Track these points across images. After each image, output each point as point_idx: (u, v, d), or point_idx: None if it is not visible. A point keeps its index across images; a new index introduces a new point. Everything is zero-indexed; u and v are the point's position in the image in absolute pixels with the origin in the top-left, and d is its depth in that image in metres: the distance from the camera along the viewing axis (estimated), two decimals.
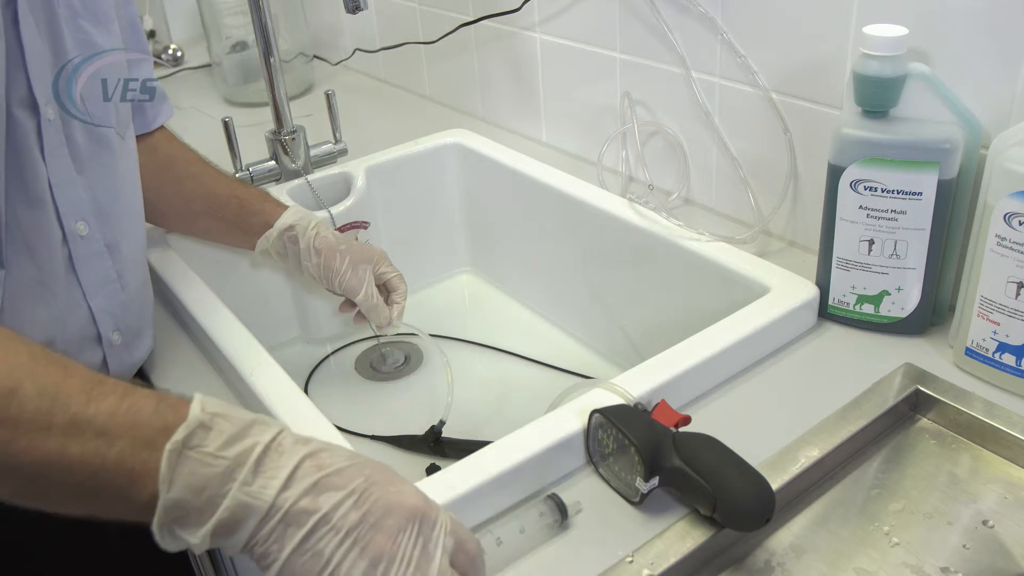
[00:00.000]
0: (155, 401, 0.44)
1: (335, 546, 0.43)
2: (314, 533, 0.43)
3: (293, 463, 0.44)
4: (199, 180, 0.87)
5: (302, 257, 0.84)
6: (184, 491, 0.43)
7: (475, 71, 1.22)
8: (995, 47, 0.66)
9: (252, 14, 0.97)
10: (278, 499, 0.43)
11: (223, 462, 0.43)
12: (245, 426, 0.45)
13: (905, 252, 0.69)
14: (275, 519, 0.43)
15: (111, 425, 0.43)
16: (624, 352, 0.96)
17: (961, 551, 0.56)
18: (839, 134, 0.68)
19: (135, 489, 0.43)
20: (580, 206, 0.95)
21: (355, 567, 0.43)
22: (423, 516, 0.45)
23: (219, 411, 0.45)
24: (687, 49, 0.89)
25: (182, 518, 0.43)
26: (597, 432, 0.60)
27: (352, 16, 0.93)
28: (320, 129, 1.09)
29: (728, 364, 0.70)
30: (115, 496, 0.43)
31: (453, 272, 1.17)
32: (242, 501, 0.43)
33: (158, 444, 0.43)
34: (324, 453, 0.45)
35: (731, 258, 0.80)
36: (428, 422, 0.85)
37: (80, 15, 0.66)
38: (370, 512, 0.44)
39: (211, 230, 0.89)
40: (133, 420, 0.43)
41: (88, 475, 0.43)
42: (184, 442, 0.43)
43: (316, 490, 0.44)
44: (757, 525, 0.54)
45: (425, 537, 0.45)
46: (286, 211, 0.86)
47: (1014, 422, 0.62)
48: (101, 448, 0.42)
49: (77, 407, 0.43)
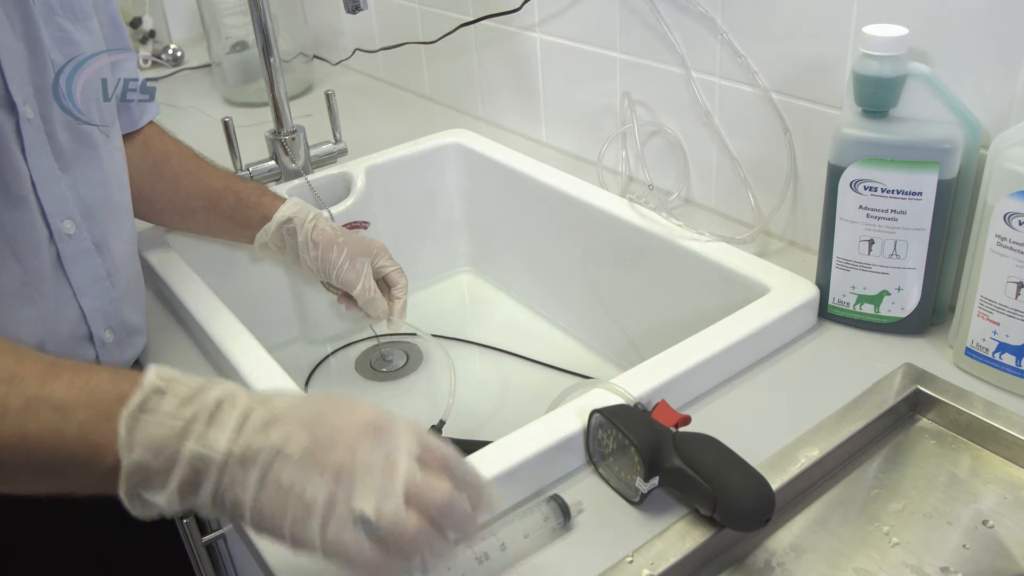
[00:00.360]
0: (111, 374, 0.45)
1: (292, 472, 0.43)
2: (271, 467, 0.43)
3: (243, 411, 0.44)
4: (194, 176, 0.86)
5: (300, 250, 0.84)
6: (143, 453, 0.43)
7: (475, 71, 1.22)
8: (995, 47, 0.66)
9: (252, 14, 0.97)
10: (232, 446, 0.43)
11: (179, 421, 0.44)
12: (199, 387, 0.45)
13: (905, 252, 0.69)
14: (230, 465, 0.43)
15: (68, 400, 0.44)
16: (624, 352, 0.96)
17: (961, 551, 0.56)
18: (839, 134, 0.68)
19: (97, 459, 0.43)
20: (580, 206, 0.95)
21: (319, 488, 0.43)
22: (377, 427, 0.45)
23: (174, 377, 0.45)
24: (687, 49, 0.89)
25: (146, 481, 0.44)
26: (597, 432, 0.60)
27: (352, 16, 0.93)
28: (320, 129, 1.09)
29: (728, 364, 0.70)
30: (79, 469, 0.44)
31: (453, 272, 1.17)
32: (199, 454, 0.43)
33: (115, 413, 0.43)
34: (275, 399, 0.46)
35: (731, 258, 0.80)
36: (428, 422, 0.85)
37: (56, 12, 0.66)
38: (321, 434, 0.44)
39: (209, 225, 0.88)
40: (90, 393, 0.44)
41: (48, 452, 0.44)
42: (140, 406, 0.44)
43: (266, 428, 0.44)
44: (757, 525, 0.54)
45: (385, 446, 0.44)
46: (284, 204, 0.85)
47: (1014, 422, 0.62)
48: (59, 424, 0.43)
49: (33, 389, 0.44)
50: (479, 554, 0.53)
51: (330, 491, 0.43)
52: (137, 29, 1.58)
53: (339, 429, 0.44)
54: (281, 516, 0.43)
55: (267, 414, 0.45)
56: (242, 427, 0.44)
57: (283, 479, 0.43)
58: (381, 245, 0.87)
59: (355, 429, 0.44)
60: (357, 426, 0.45)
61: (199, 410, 0.44)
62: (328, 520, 0.43)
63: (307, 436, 0.44)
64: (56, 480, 0.45)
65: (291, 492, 0.43)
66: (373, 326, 1.03)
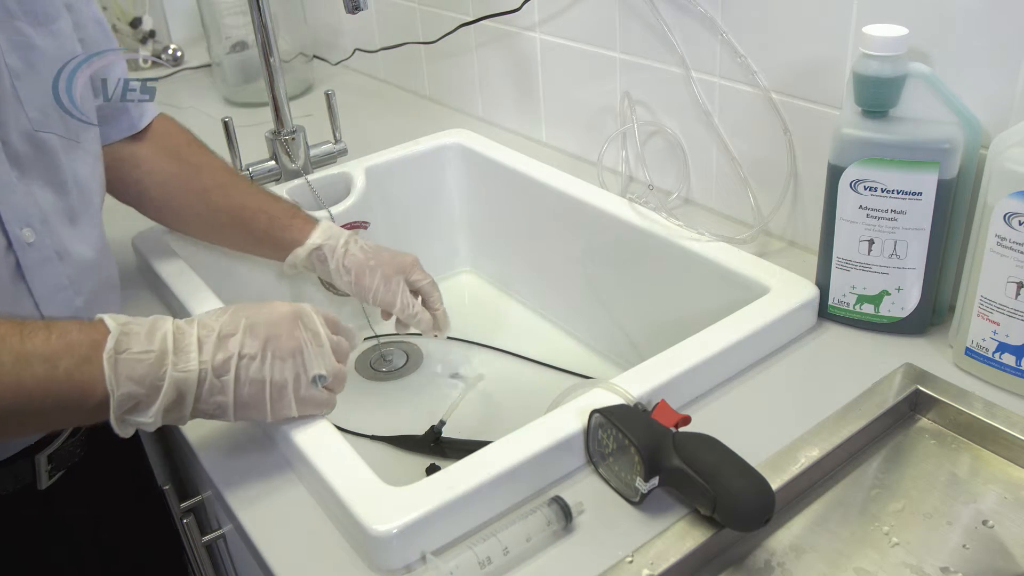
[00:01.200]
0: (76, 325, 0.55)
1: (259, 366, 0.58)
2: (241, 369, 0.57)
3: (195, 335, 0.57)
4: (225, 191, 0.85)
5: (333, 276, 0.84)
6: (130, 385, 0.54)
7: (475, 71, 1.22)
8: (995, 47, 0.66)
9: (252, 14, 0.97)
10: (201, 364, 0.56)
11: (151, 355, 0.55)
12: (150, 326, 0.57)
13: (905, 252, 0.69)
14: (208, 378, 0.56)
15: (49, 352, 0.52)
16: (624, 352, 0.96)
17: (961, 551, 0.56)
18: (839, 134, 0.68)
19: (86, 397, 0.53)
20: (580, 206, 0.95)
21: (283, 369, 0.59)
22: (298, 313, 0.61)
23: (126, 320, 0.57)
24: (687, 49, 0.89)
25: (133, 408, 0.55)
26: (597, 432, 0.60)
27: (352, 16, 0.93)
28: (320, 129, 1.09)
29: (728, 364, 0.70)
30: (70, 407, 0.54)
31: (453, 272, 1.17)
32: (178, 378, 0.55)
33: (94, 357, 0.53)
34: (206, 318, 0.59)
35: (731, 258, 0.80)
36: (428, 422, 0.85)
37: (16, 16, 0.64)
38: (266, 333, 0.59)
39: (238, 243, 0.88)
40: (66, 343, 0.53)
41: (44, 395, 0.52)
42: (115, 349, 0.54)
43: (220, 343, 0.57)
44: (757, 525, 0.54)
45: (310, 326, 0.61)
46: (315, 230, 0.85)
47: (1014, 422, 0.62)
48: (49, 371, 0.52)
49: (17, 346, 0.52)
50: (482, 558, 0.53)
51: (295, 370, 0.60)
52: (137, 29, 1.58)
53: (274, 324, 0.59)
54: (261, 401, 0.59)
55: (212, 333, 0.57)
56: (201, 348, 0.56)
57: (253, 374, 0.58)
58: (414, 259, 0.87)
59: (286, 322, 0.60)
60: (286, 319, 0.60)
61: (162, 344, 0.55)
62: (298, 389, 0.60)
63: (256, 339, 0.58)
64: (47, 420, 0.56)
65: (264, 382, 0.58)
66: (373, 326, 1.03)
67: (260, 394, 0.59)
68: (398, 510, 0.55)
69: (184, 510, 0.74)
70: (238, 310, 0.60)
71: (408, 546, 0.55)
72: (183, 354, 0.56)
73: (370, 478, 0.58)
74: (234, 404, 0.58)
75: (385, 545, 0.54)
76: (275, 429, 0.64)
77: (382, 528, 0.54)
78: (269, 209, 0.85)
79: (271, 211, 0.85)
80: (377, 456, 0.85)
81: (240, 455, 0.66)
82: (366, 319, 1.04)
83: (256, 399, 0.59)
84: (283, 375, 0.59)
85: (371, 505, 0.55)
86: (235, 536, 0.67)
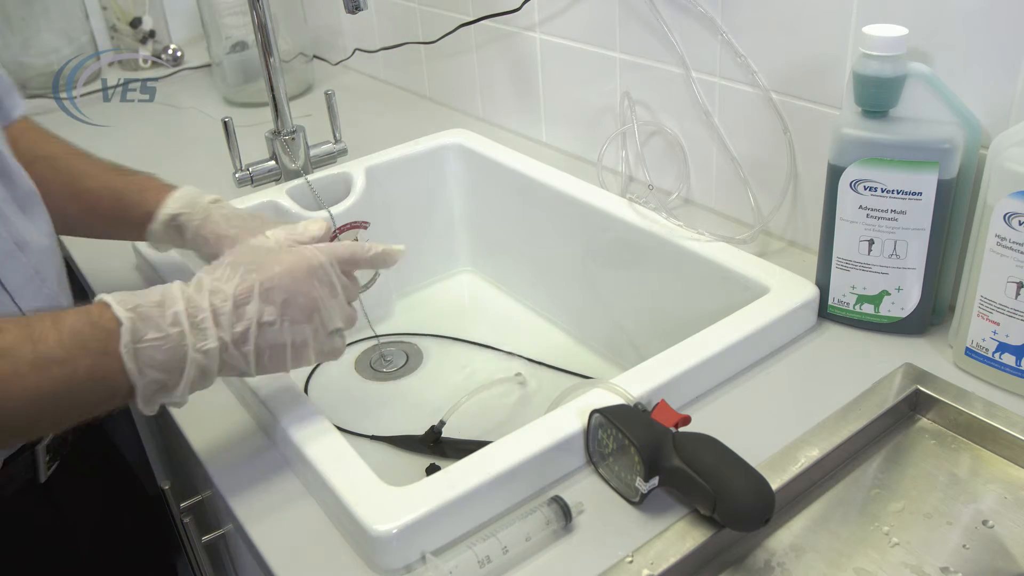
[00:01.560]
0: (83, 317, 0.52)
1: (277, 331, 0.57)
2: (261, 337, 0.56)
3: (208, 307, 0.55)
4: (65, 176, 0.78)
5: (192, 248, 0.77)
6: (154, 373, 0.53)
7: (475, 71, 1.22)
8: (995, 47, 0.66)
9: (252, 14, 0.97)
10: (221, 338, 0.55)
11: (169, 339, 0.53)
12: (159, 302, 0.54)
13: (905, 252, 0.69)
14: (229, 350, 0.55)
15: (65, 354, 0.50)
16: (624, 352, 0.96)
17: (961, 551, 0.56)
18: (839, 134, 0.68)
19: (113, 389, 0.52)
20: (580, 206, 0.95)
21: (303, 331, 0.58)
22: (310, 267, 0.59)
23: (134, 303, 0.54)
24: (687, 49, 0.89)
25: (160, 390, 0.54)
26: (597, 432, 0.60)
27: (352, 16, 0.93)
28: (320, 129, 1.09)
29: (728, 364, 0.70)
30: (98, 401, 0.53)
31: (453, 272, 1.17)
32: (199, 358, 0.54)
33: (111, 349, 0.51)
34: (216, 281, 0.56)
35: (731, 258, 0.80)
36: (428, 422, 0.85)
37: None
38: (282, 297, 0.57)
39: (94, 229, 0.82)
40: (80, 341, 0.51)
41: (68, 396, 0.51)
42: (132, 340, 0.52)
43: (236, 313, 0.55)
44: (757, 525, 0.54)
45: (323, 278, 0.59)
46: (169, 197, 0.77)
47: (1014, 422, 0.62)
48: (69, 372, 0.50)
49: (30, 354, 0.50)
50: (481, 557, 0.53)
51: (313, 328, 0.59)
52: (137, 29, 1.58)
53: (289, 285, 0.57)
54: (282, 362, 0.58)
55: (228, 301, 0.55)
56: (218, 321, 0.54)
57: (272, 340, 0.57)
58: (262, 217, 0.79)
59: (301, 279, 0.58)
60: (301, 277, 0.58)
61: (175, 325, 0.53)
62: (317, 343, 0.59)
63: (272, 304, 0.56)
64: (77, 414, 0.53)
65: (285, 345, 0.58)
66: (373, 326, 1.03)
67: (281, 355, 0.58)
68: (398, 510, 0.55)
69: (184, 510, 0.75)
70: (248, 267, 0.57)
71: (408, 546, 0.55)
72: (200, 332, 0.54)
73: (370, 478, 0.58)
74: (256, 368, 0.58)
75: (385, 545, 0.54)
76: (275, 429, 0.64)
77: (382, 528, 0.54)
78: (116, 185, 0.79)
79: (118, 187, 0.79)
80: (377, 456, 0.85)
81: (240, 455, 0.66)
82: (366, 319, 1.04)
83: (277, 360, 0.58)
84: (303, 335, 0.58)
85: (371, 505, 0.55)
86: (235, 536, 0.67)
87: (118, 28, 1.58)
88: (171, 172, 1.22)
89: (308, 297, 0.58)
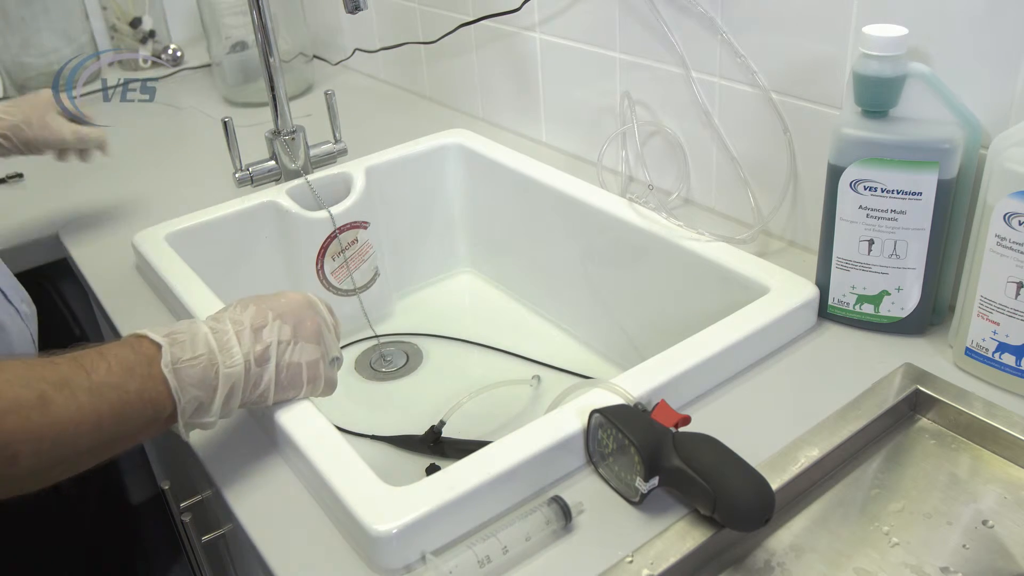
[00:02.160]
0: (127, 348, 0.56)
1: (290, 352, 0.62)
2: (280, 356, 0.61)
3: (231, 331, 0.60)
4: None
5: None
6: (193, 390, 0.57)
7: (475, 71, 1.22)
8: (995, 47, 0.66)
9: (252, 14, 0.97)
10: (245, 357, 0.59)
11: (201, 359, 0.57)
12: (189, 331, 0.59)
13: (905, 252, 0.69)
14: (252, 368, 0.60)
15: (115, 380, 0.54)
16: (624, 352, 0.96)
17: (961, 551, 0.56)
18: (839, 134, 0.68)
19: (160, 410, 0.56)
20: (580, 206, 0.95)
21: (310, 351, 0.63)
22: (311, 301, 0.65)
23: (168, 331, 0.59)
24: (687, 49, 0.89)
25: (198, 408, 0.58)
26: (597, 432, 0.60)
27: (352, 16, 0.93)
28: (320, 129, 1.09)
29: (728, 364, 0.70)
30: (146, 423, 0.56)
31: (453, 272, 1.17)
32: (229, 373, 0.58)
33: (155, 372, 0.56)
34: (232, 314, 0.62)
35: (731, 258, 0.80)
36: (428, 422, 0.85)
37: None
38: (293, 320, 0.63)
39: None
40: (126, 367, 0.55)
41: (122, 419, 0.54)
42: (172, 362, 0.56)
43: (255, 336, 0.61)
44: (757, 525, 0.54)
45: (318, 312, 0.65)
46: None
47: (1014, 422, 0.62)
48: (122, 396, 0.54)
49: (85, 381, 0.53)
50: (481, 557, 0.53)
51: (320, 351, 0.64)
52: (137, 29, 1.58)
53: (296, 311, 0.63)
54: (298, 384, 0.63)
55: (246, 327, 0.60)
56: (240, 341, 0.59)
57: (289, 358, 0.62)
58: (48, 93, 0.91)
59: (305, 308, 0.64)
60: (303, 305, 0.64)
61: (207, 346, 0.58)
62: (324, 368, 0.64)
63: (286, 325, 0.62)
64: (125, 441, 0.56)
65: (300, 364, 0.62)
66: (373, 326, 1.03)
67: (298, 376, 0.62)
68: (398, 510, 0.55)
69: (184, 510, 0.75)
70: (259, 302, 0.63)
71: (408, 546, 0.55)
72: (227, 351, 0.59)
73: (370, 478, 0.58)
74: (275, 388, 0.61)
75: (385, 545, 0.54)
76: (275, 429, 0.64)
77: (382, 528, 0.54)
78: None
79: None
80: (377, 456, 0.85)
81: (240, 455, 0.66)
82: (366, 319, 1.04)
83: (294, 380, 0.63)
84: (314, 356, 0.63)
85: (371, 505, 0.55)
86: (235, 536, 0.67)
87: (118, 28, 1.58)
88: (171, 172, 1.22)
89: (314, 321, 0.64)
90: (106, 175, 1.14)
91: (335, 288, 1.02)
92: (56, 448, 0.51)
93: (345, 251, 1.01)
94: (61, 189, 1.13)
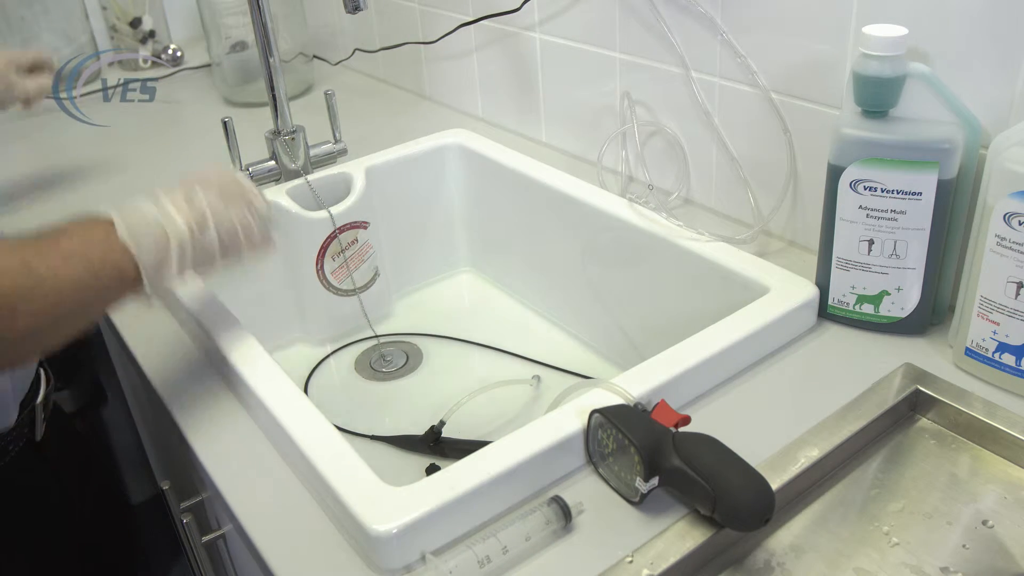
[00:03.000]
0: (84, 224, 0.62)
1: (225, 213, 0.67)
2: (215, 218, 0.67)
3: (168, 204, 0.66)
4: None
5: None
6: (149, 254, 0.63)
7: (475, 71, 1.22)
8: (995, 47, 0.66)
9: (252, 14, 0.97)
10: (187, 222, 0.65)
11: (152, 227, 0.63)
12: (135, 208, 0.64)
13: (905, 252, 0.69)
14: (195, 234, 0.65)
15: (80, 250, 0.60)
16: (624, 352, 0.96)
17: (961, 551, 0.56)
18: (839, 134, 0.68)
19: (123, 272, 0.62)
20: (580, 206, 0.95)
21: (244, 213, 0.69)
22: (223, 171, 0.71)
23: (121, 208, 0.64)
24: (687, 49, 0.89)
25: (158, 269, 0.64)
26: (597, 432, 0.60)
27: (352, 16, 0.93)
28: (320, 129, 1.09)
29: (728, 364, 0.70)
30: (114, 287, 0.62)
31: (453, 272, 1.17)
32: (177, 234, 0.64)
33: (113, 242, 0.62)
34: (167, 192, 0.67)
35: (731, 258, 0.80)
36: (428, 422, 0.85)
37: None
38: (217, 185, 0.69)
39: None
40: (87, 240, 0.61)
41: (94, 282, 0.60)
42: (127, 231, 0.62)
43: (190, 204, 0.66)
44: (757, 525, 0.54)
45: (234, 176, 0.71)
46: None
47: (1014, 422, 0.62)
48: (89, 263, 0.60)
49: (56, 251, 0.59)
50: (481, 557, 0.53)
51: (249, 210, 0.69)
52: (137, 29, 1.58)
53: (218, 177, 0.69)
54: (237, 243, 0.69)
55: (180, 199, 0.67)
56: (179, 212, 0.65)
57: (221, 221, 0.67)
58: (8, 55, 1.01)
59: (224, 174, 0.70)
60: (223, 172, 0.71)
61: (156, 219, 0.64)
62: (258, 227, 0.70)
63: (211, 190, 0.68)
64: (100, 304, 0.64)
65: (235, 226, 0.68)
66: (374, 326, 1.03)
67: (235, 237, 0.68)
68: (398, 510, 0.55)
69: (184, 510, 0.75)
70: (185, 181, 0.69)
71: (408, 546, 0.55)
72: (170, 220, 0.65)
73: (370, 478, 0.58)
74: (219, 250, 0.67)
75: (385, 545, 0.54)
76: (275, 429, 0.64)
77: (382, 528, 0.54)
78: None
79: None
80: (377, 456, 0.85)
81: (240, 455, 0.66)
82: (366, 319, 1.04)
83: (234, 241, 0.68)
84: (245, 216, 0.69)
85: (371, 505, 0.55)
86: (235, 536, 0.67)
87: (118, 28, 1.58)
88: (171, 172, 1.22)
89: (236, 184, 0.70)
90: (106, 175, 1.14)
91: (335, 288, 1.02)
92: (46, 307, 0.57)
93: (345, 251, 1.01)
94: (61, 189, 1.13)
